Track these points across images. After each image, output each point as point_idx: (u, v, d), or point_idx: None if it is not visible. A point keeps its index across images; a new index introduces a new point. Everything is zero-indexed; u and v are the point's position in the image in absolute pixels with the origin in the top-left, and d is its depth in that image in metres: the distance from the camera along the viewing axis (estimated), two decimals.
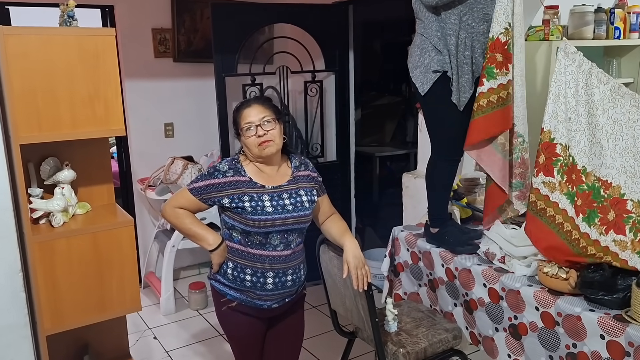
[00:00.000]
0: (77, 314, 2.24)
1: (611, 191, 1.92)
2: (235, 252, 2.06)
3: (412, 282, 2.60)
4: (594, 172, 1.95)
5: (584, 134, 1.96)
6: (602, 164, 1.94)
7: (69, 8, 2.12)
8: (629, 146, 1.92)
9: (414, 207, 3.24)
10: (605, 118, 1.94)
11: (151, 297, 4.13)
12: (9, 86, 1.99)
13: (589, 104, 1.95)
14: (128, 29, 3.96)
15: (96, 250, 2.24)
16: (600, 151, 1.94)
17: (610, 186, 1.93)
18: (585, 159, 1.96)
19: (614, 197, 1.91)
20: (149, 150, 4.23)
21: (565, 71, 1.97)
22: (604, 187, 1.93)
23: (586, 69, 1.95)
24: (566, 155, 1.96)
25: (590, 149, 1.96)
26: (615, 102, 1.93)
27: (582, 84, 1.95)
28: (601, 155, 1.94)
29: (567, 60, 1.96)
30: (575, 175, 1.96)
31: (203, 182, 2.04)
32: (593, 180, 1.94)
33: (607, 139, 1.93)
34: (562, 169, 1.96)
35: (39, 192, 2.24)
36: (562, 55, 1.97)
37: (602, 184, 1.93)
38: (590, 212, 1.93)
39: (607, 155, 1.93)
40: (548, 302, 1.92)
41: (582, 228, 1.93)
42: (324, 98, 4.27)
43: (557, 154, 1.97)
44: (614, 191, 1.92)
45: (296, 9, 4.08)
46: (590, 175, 1.95)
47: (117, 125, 2.22)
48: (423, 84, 2.28)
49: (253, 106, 2.05)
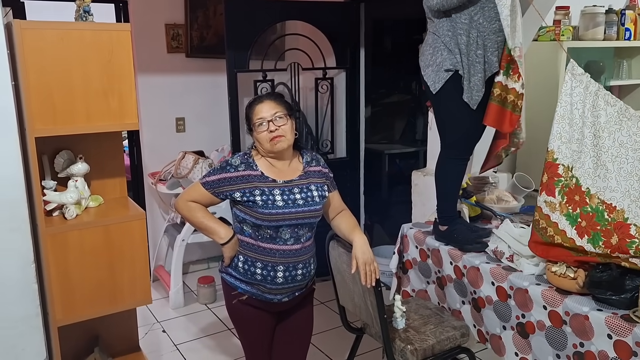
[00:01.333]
0: (88, 305, 2.27)
1: (615, 215, 1.89)
2: (246, 245, 2.08)
3: (420, 279, 2.61)
4: (598, 194, 1.93)
5: (589, 155, 1.95)
6: (606, 187, 1.91)
7: (85, 3, 2.14)
8: (634, 169, 1.88)
9: (423, 204, 3.25)
10: (611, 140, 1.91)
11: (160, 290, 4.16)
12: (25, 79, 2.02)
13: (595, 125, 1.94)
14: (141, 24, 3.98)
15: (108, 243, 2.26)
16: (605, 174, 1.92)
17: (614, 210, 1.89)
18: (590, 180, 1.94)
19: (618, 221, 1.88)
20: (160, 144, 4.26)
21: (572, 92, 1.96)
22: (607, 211, 1.90)
23: (593, 90, 1.94)
24: (568, 177, 1.96)
25: (595, 171, 1.94)
26: (622, 124, 1.90)
27: (589, 106, 1.94)
28: (606, 177, 1.92)
29: (574, 81, 1.96)
30: (579, 197, 1.95)
31: (215, 176, 2.06)
32: (597, 203, 1.92)
33: (613, 161, 1.90)
34: (562, 190, 1.97)
35: (52, 184, 2.27)
36: (569, 76, 1.97)
37: (606, 207, 1.91)
38: (595, 235, 1.91)
39: (612, 178, 1.90)
40: (556, 301, 1.92)
41: (588, 249, 1.93)
42: (334, 95, 4.29)
43: (559, 175, 1.97)
44: (617, 215, 1.88)
45: (309, 6, 4.09)
46: (595, 197, 1.93)
47: (130, 120, 2.24)
48: (435, 83, 2.29)
49: (265, 102, 2.07)
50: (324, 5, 4.09)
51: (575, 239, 1.94)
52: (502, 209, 2.71)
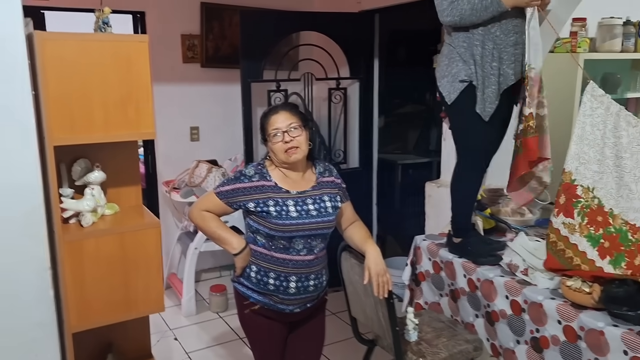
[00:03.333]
0: (102, 312, 2.28)
1: (639, 235, 1.88)
2: (259, 255, 2.09)
3: (433, 291, 2.60)
4: (622, 215, 1.91)
5: (611, 176, 1.94)
6: (630, 207, 1.90)
7: (104, 15, 2.17)
8: None
9: (437, 216, 3.24)
10: (633, 161, 1.90)
11: (172, 298, 4.18)
12: (45, 89, 2.05)
13: (617, 146, 1.93)
14: (158, 35, 4.03)
15: (123, 251, 2.28)
16: (628, 194, 1.91)
17: (638, 230, 1.88)
18: (613, 201, 1.93)
19: None
20: (174, 153, 4.30)
21: (593, 114, 1.96)
22: (631, 231, 1.89)
23: (614, 111, 1.93)
24: (588, 197, 1.95)
25: (618, 191, 1.93)
26: None
27: (611, 127, 1.94)
28: (629, 198, 1.90)
29: (594, 102, 1.96)
30: (602, 218, 1.94)
31: (229, 186, 2.08)
32: (620, 223, 1.91)
33: (636, 182, 1.89)
34: (582, 211, 1.95)
35: (69, 192, 2.30)
36: (589, 97, 1.96)
37: (629, 228, 1.89)
38: (618, 256, 1.90)
39: (636, 198, 1.89)
40: (571, 316, 1.91)
41: (607, 270, 1.91)
42: (347, 105, 4.30)
43: (577, 196, 1.96)
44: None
45: (323, 17, 4.12)
46: (618, 218, 1.92)
47: (147, 129, 2.26)
48: (450, 94, 2.29)
49: (281, 112, 2.08)
50: (338, 16, 4.11)
51: (596, 260, 1.93)
52: (517, 221, 2.70)
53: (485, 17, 2.16)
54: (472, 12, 2.15)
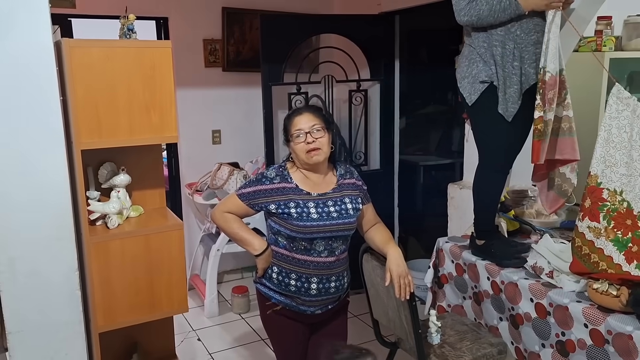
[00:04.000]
0: (128, 312, 2.32)
1: None
2: (281, 257, 2.10)
3: (456, 294, 2.59)
4: None
5: (639, 179, 1.91)
6: None
7: (129, 21, 2.21)
8: None
9: (460, 218, 3.22)
10: None
11: (195, 299, 4.22)
12: (73, 95, 2.09)
13: None
14: (180, 40, 4.08)
15: (148, 252, 2.32)
16: None
17: None
18: None
19: None
20: (197, 156, 4.35)
21: (620, 116, 1.93)
22: None
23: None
24: (616, 201, 1.92)
25: None
26: None
27: (638, 129, 1.91)
28: None
29: (620, 105, 1.93)
30: (630, 221, 1.90)
31: (251, 188, 2.10)
32: None
33: None
34: (608, 215, 1.93)
35: (96, 195, 2.34)
36: (615, 100, 1.94)
37: None
38: None
39: None
40: (598, 319, 1.88)
41: (634, 274, 1.88)
42: (368, 107, 4.30)
43: (603, 199, 1.94)
44: None
45: (343, 19, 4.13)
46: None
47: (171, 133, 2.30)
48: (471, 95, 2.28)
49: (304, 114, 2.09)
50: (358, 18, 4.12)
51: (623, 264, 1.90)
52: (541, 223, 2.67)
53: (503, 18, 2.15)
54: (489, 12, 2.14)
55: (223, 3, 4.22)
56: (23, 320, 2.06)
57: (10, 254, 1.99)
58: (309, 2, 4.42)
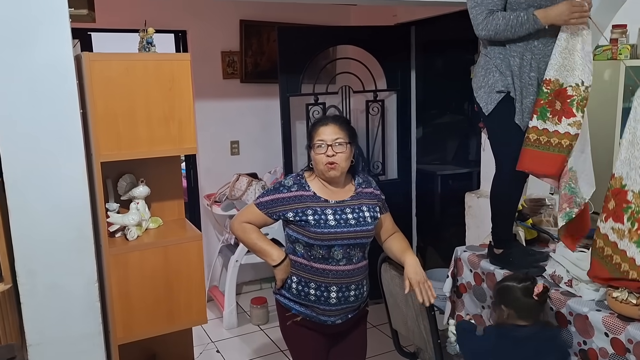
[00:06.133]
0: (147, 324, 2.34)
1: None
2: (299, 266, 2.11)
3: (475, 303, 2.56)
4: None
5: None
6: None
7: (148, 35, 2.25)
8: None
9: (477, 227, 3.19)
10: None
11: (214, 310, 4.23)
12: (93, 108, 2.13)
13: None
14: (199, 52, 4.14)
15: (166, 264, 2.34)
16: None
17: None
18: None
19: None
20: (215, 167, 4.38)
21: None
22: None
23: None
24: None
25: None
26: None
27: None
28: None
29: None
30: None
31: (269, 196, 2.11)
32: None
33: None
34: (633, 217, 1.90)
35: (115, 206, 2.37)
36: (639, 102, 1.92)
37: None
38: None
39: None
40: (618, 328, 1.85)
41: None
42: (385, 117, 4.30)
43: (628, 201, 1.91)
44: None
45: (360, 31, 4.15)
46: None
47: (189, 144, 2.33)
48: (487, 104, 2.27)
49: (330, 125, 2.11)
50: (375, 29, 4.14)
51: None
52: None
53: (521, 33, 2.13)
54: (506, 27, 2.13)
55: (241, 16, 4.28)
56: (43, 333, 2.08)
57: (30, 266, 2.03)
58: (326, 14, 4.46)
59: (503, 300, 2.04)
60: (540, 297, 1.96)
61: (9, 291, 2.02)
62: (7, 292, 2.01)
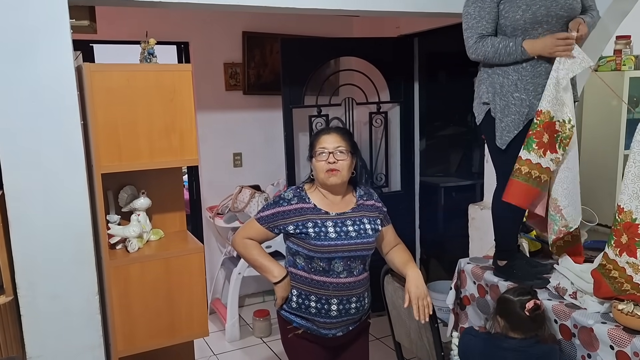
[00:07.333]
0: (148, 337, 2.32)
1: None
2: (300, 279, 2.09)
3: (478, 315, 2.54)
4: None
5: None
6: None
7: (149, 46, 2.26)
8: None
9: (481, 238, 3.17)
10: None
11: (217, 323, 4.21)
12: (94, 119, 2.13)
13: None
14: (201, 64, 4.15)
15: (168, 276, 2.33)
16: None
17: None
18: None
19: None
20: (218, 179, 4.38)
21: None
22: None
23: None
24: None
25: None
26: None
27: None
28: None
29: None
30: None
31: (269, 210, 2.11)
32: None
33: None
34: None
35: (116, 218, 2.36)
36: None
37: None
38: None
39: None
40: (623, 341, 1.82)
41: None
42: (388, 128, 4.30)
43: None
44: None
45: (362, 43, 4.16)
46: None
47: (191, 156, 2.32)
48: (478, 115, 2.31)
49: (332, 134, 2.11)
50: (378, 41, 4.15)
51: None
52: None
53: (509, 61, 2.14)
54: (494, 55, 2.15)
55: (243, 27, 4.29)
56: (43, 345, 2.08)
57: (30, 278, 2.02)
58: (329, 26, 4.47)
59: (500, 311, 2.05)
60: (531, 312, 1.95)
61: (10, 303, 2.01)
62: (8, 305, 2.00)
